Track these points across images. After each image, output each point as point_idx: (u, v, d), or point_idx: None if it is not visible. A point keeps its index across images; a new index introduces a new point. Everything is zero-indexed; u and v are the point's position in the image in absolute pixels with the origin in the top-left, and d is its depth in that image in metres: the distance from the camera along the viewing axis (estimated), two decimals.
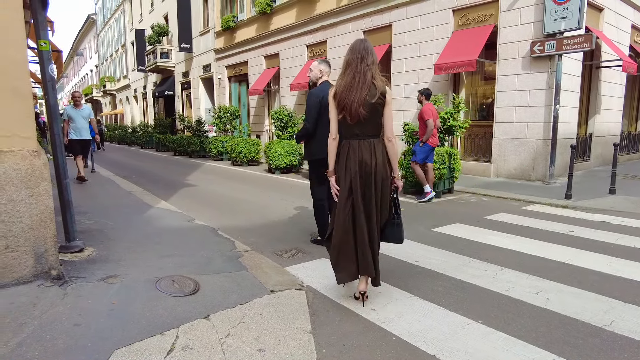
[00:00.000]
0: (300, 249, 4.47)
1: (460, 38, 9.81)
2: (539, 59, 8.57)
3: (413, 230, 5.19)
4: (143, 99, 34.15)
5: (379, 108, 2.84)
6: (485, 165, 9.65)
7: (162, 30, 25.82)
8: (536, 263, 4.00)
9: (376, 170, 2.86)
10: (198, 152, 16.85)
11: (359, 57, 2.85)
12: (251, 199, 7.43)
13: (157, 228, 5.12)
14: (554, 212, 6.21)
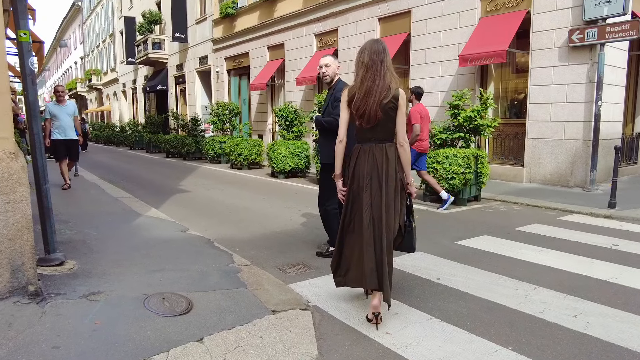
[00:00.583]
0: (306, 263, 4.47)
1: (488, 25, 9.78)
2: (578, 49, 8.51)
3: (434, 243, 5.16)
4: (133, 94, 34.52)
5: (390, 112, 3.04)
6: (517, 169, 9.58)
7: (154, 18, 26.12)
8: (575, 281, 3.95)
9: (387, 175, 3.04)
10: (193, 154, 16.97)
11: (379, 59, 3.03)
12: (252, 207, 7.45)
13: (146, 239, 5.14)
14: (596, 223, 6.13)
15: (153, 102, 30.22)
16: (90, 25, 44.73)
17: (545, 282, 3.91)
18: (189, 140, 16.87)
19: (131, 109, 35.27)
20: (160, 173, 12.92)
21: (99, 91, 45.12)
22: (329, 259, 4.55)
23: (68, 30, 54.65)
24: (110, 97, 40.71)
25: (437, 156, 7.38)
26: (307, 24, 15.34)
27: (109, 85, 40.79)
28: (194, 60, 23.29)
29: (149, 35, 25.99)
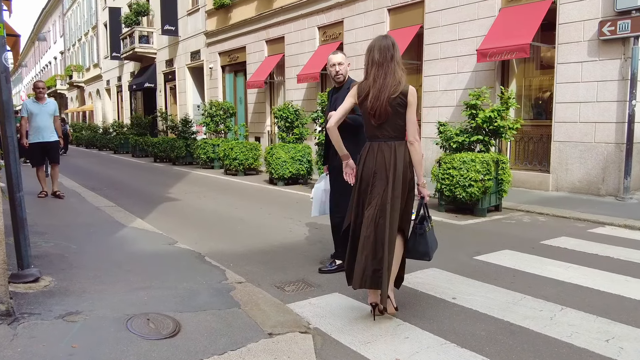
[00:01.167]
0: (306, 280, 4.46)
1: (509, 17, 9.80)
2: (609, 42, 8.51)
3: (450, 258, 5.14)
4: (117, 92, 34.71)
5: (398, 108, 3.31)
6: (542, 176, 9.56)
7: (142, 9, 26.31)
8: (607, 301, 3.92)
9: (395, 174, 3.31)
10: (183, 159, 17.03)
11: (389, 55, 3.33)
12: (247, 217, 7.45)
13: (131, 253, 5.14)
14: (630, 236, 6.09)
15: (140, 101, 30.36)
16: (72, 17, 45.10)
17: (573, 303, 3.87)
18: (179, 144, 16.93)
19: (116, 108, 35.45)
20: (147, 179, 12.96)
21: (80, 89, 45.37)
22: (332, 275, 4.54)
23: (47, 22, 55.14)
24: (93, 96, 40.94)
25: (453, 161, 7.37)
26: (309, 15, 15.42)
27: (91, 83, 41.03)
28: (185, 56, 23.42)
29: (135, 28, 26.16)
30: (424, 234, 3.48)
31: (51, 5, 50.93)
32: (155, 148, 18.40)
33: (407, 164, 3.36)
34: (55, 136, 8.64)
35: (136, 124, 22.59)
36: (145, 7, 26.35)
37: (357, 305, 3.85)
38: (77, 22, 43.55)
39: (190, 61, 23.07)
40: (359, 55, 13.41)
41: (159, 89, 26.70)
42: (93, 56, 39.02)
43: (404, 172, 3.33)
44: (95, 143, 28.31)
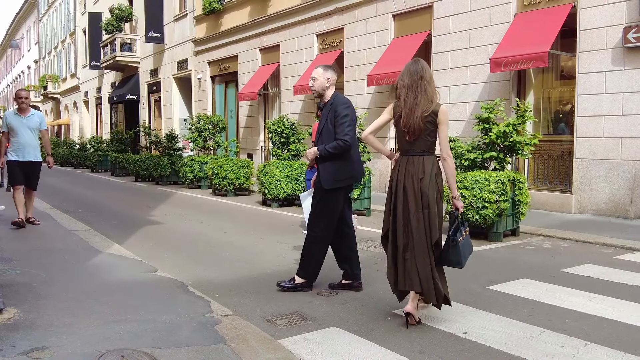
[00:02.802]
0: (301, 313, 4.42)
1: (526, 22, 9.91)
2: (635, 50, 8.59)
3: (462, 288, 5.11)
4: (96, 105, 34.89)
5: (428, 125, 3.94)
6: (564, 196, 9.57)
7: (124, 14, 26.60)
8: (636, 336, 3.88)
9: (421, 186, 3.95)
10: (168, 178, 17.04)
11: (418, 76, 3.99)
12: (237, 242, 7.43)
13: (106, 282, 5.12)
14: None
15: (121, 115, 30.46)
16: (48, 23, 45.57)
17: (598, 337, 3.84)
18: (163, 161, 16.96)
19: (94, 122, 35.58)
20: (127, 200, 12.96)
21: (55, 101, 45.64)
22: (330, 307, 4.51)
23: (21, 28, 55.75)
24: (70, 109, 41.14)
25: (464, 181, 7.37)
26: (307, 21, 15.60)
27: (68, 94, 41.26)
28: (172, 65, 23.58)
29: (117, 35, 26.40)
30: (457, 244, 3.98)
31: (25, 9, 51.55)
32: (137, 166, 18.42)
33: (434, 177, 3.97)
34: (39, 156, 8.19)
35: (116, 139, 22.65)
36: (128, 12, 26.62)
37: (357, 341, 3.81)
38: (53, 28, 43.97)
39: (176, 71, 23.21)
40: (361, 65, 13.54)
41: (142, 101, 26.81)
42: (70, 65, 39.31)
43: (431, 185, 3.95)
44: (71, 160, 28.36)
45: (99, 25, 28.77)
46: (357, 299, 4.79)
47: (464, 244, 4.04)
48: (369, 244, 7.29)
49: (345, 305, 4.63)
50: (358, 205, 9.80)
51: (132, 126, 25.97)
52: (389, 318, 4.30)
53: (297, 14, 15.87)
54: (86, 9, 34.04)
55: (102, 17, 29.85)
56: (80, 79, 37.06)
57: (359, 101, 13.42)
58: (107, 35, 27.48)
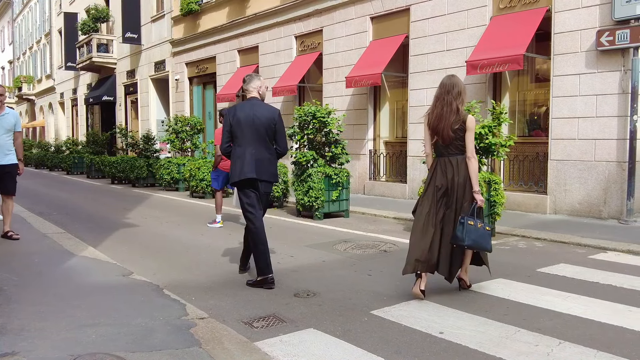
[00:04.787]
0: (278, 315, 4.40)
1: (501, 26, 10.03)
2: (608, 53, 8.74)
3: (438, 287, 5.14)
4: (72, 106, 34.44)
5: (459, 132, 4.71)
6: (539, 197, 9.69)
7: (101, 15, 26.32)
8: (608, 334, 3.94)
9: (458, 182, 4.73)
10: (145, 180, 16.88)
11: (446, 90, 4.75)
12: (215, 244, 7.38)
13: (79, 285, 5.06)
14: (634, 263, 6.17)
15: (97, 116, 30.15)
16: (22, 23, 44.83)
17: (572, 336, 3.89)
18: (139, 163, 16.79)
19: (70, 124, 35.12)
20: (103, 203, 12.80)
21: (30, 102, 44.93)
22: (308, 308, 4.50)
23: None
24: (45, 110, 40.53)
25: None
26: (285, 23, 15.58)
27: (43, 96, 40.66)
28: (149, 66, 23.39)
29: (93, 35, 26.11)
30: (464, 224, 4.62)
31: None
32: (113, 168, 18.22)
33: (467, 174, 4.75)
34: (13, 158, 7.46)
35: (92, 141, 22.40)
36: (105, 12, 26.35)
37: (334, 342, 3.80)
38: (28, 28, 43.30)
39: (154, 72, 23.04)
40: (340, 67, 13.57)
41: (119, 103, 26.56)
42: (45, 66, 38.75)
43: (464, 182, 4.74)
44: (46, 162, 27.94)
45: (75, 25, 28.41)
46: (334, 300, 4.78)
47: (473, 230, 4.63)
48: (346, 245, 7.30)
49: (323, 306, 4.63)
50: (337, 206, 9.82)
51: (108, 128, 25.70)
52: (366, 319, 4.30)
53: (276, 15, 15.85)
54: (62, 9, 33.58)
55: (78, 17, 29.48)
56: (56, 80, 36.54)
57: (338, 103, 13.46)
58: (83, 35, 27.15)
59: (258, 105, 5.40)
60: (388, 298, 4.84)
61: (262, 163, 5.31)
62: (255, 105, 5.39)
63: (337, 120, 9.87)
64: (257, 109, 5.34)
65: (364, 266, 6.11)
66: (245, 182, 5.33)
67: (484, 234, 4.70)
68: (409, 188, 11.95)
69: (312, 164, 9.82)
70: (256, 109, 5.34)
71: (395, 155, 12.85)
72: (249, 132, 5.29)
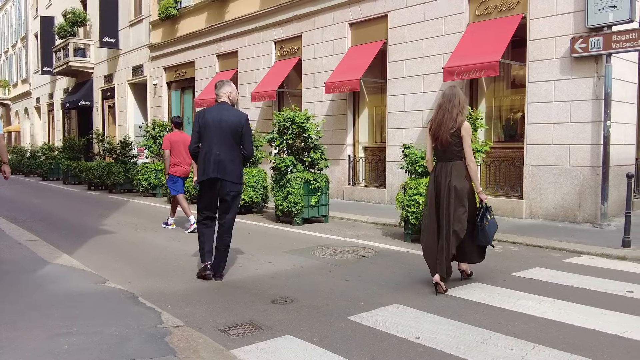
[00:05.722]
0: (255, 322, 4.38)
1: (478, 32, 10.15)
2: (582, 59, 8.89)
3: (415, 292, 5.17)
4: (49, 111, 33.99)
5: (455, 138, 5.08)
6: (515, 202, 9.79)
7: (78, 19, 26.04)
8: (582, 337, 4.00)
9: (450, 184, 5.10)
10: (122, 186, 16.69)
11: (447, 99, 5.16)
12: (191, 251, 7.32)
13: (52, 294, 4.99)
14: (608, 266, 6.27)
15: (74, 122, 29.81)
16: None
17: (546, 339, 3.93)
18: (116, 169, 16.60)
19: (46, 129, 34.64)
20: (79, 209, 12.63)
21: (5, 107, 44.21)
22: (284, 315, 4.48)
23: None
24: (20, 115, 39.91)
25: (418, 187, 7.47)
26: (265, 28, 15.57)
27: (18, 100, 40.04)
28: (126, 71, 23.20)
29: (70, 40, 25.83)
30: (484, 228, 5.13)
31: None
32: (90, 174, 17.98)
33: (464, 178, 5.13)
34: None
35: (69, 146, 22.09)
36: (82, 16, 26.07)
37: (310, 349, 3.80)
38: (3, 32, 42.66)
39: (131, 77, 22.85)
40: (319, 72, 13.60)
41: (96, 108, 26.30)
42: (21, 70, 38.19)
43: (463, 184, 5.11)
44: (22, 168, 27.47)
45: (52, 29, 28.03)
46: (312, 307, 4.77)
47: (490, 226, 5.18)
48: (325, 250, 7.29)
49: (300, 312, 4.61)
50: (316, 212, 9.81)
51: (85, 133, 25.38)
52: (343, 325, 4.30)
53: (255, 20, 15.82)
54: (38, 12, 33.14)
55: (55, 21, 29.12)
56: (32, 84, 36.02)
57: (317, 108, 13.47)
58: (60, 40, 26.81)
59: (226, 109, 5.71)
60: (365, 304, 4.83)
61: (225, 164, 5.59)
62: (224, 109, 5.71)
63: (316, 126, 9.88)
64: (224, 113, 5.66)
65: (342, 272, 6.11)
66: (208, 183, 5.64)
67: (493, 221, 5.29)
68: (387, 193, 12.00)
69: (291, 170, 9.81)
70: (224, 113, 5.66)
71: (375, 160, 12.90)
72: (216, 134, 5.59)
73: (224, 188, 5.62)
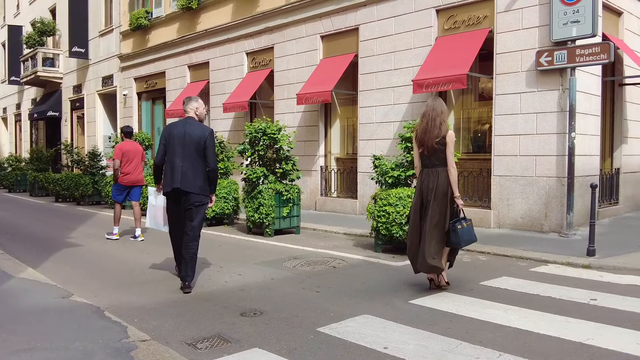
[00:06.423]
0: (223, 335, 4.34)
1: (446, 46, 10.32)
2: (547, 73, 9.11)
3: (384, 303, 5.19)
4: (16, 122, 33.35)
5: (440, 146, 5.47)
6: (483, 212, 9.93)
7: (47, 29, 25.69)
8: (546, 345, 4.06)
9: (436, 188, 5.47)
10: (90, 197, 16.41)
11: (431, 108, 5.56)
12: (161, 264, 7.24)
13: (15, 309, 4.90)
14: (573, 275, 6.40)
15: (42, 132, 29.32)
16: None
17: (511, 348, 3.99)
18: (85, 180, 16.32)
19: (13, 140, 33.95)
20: (45, 222, 12.39)
21: None
22: (253, 328, 4.46)
23: None
24: None
25: (388, 197, 7.53)
26: (237, 39, 15.57)
27: None
28: (96, 81, 22.94)
29: (39, 49, 25.45)
30: (456, 230, 5.42)
31: None
32: (57, 185, 17.64)
33: (446, 182, 5.48)
34: None
35: (36, 158, 21.65)
36: (51, 26, 25.72)
37: None
38: None
39: (101, 87, 22.60)
40: (291, 84, 13.63)
41: (65, 118, 25.90)
42: None
43: (446, 189, 5.48)
44: None
45: (20, 39, 27.57)
46: (281, 319, 4.75)
47: (464, 232, 5.46)
48: (296, 262, 7.27)
49: (269, 325, 4.59)
50: (287, 223, 9.79)
51: (53, 144, 24.97)
52: (312, 336, 4.29)
53: (227, 31, 15.81)
54: (6, 21, 32.56)
55: (23, 30, 28.68)
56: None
57: (289, 120, 13.49)
58: (29, 49, 26.37)
59: (191, 124, 5.98)
60: (335, 314, 4.84)
61: (188, 176, 5.82)
62: (189, 123, 5.98)
63: (287, 137, 9.89)
64: (189, 127, 5.92)
65: (312, 283, 6.10)
66: (172, 194, 5.90)
67: (469, 229, 5.58)
68: (359, 204, 12.05)
69: (263, 181, 9.78)
70: (188, 127, 5.92)
71: (346, 171, 12.95)
72: (180, 147, 5.86)
73: (187, 199, 5.84)
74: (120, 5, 20.91)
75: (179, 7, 17.10)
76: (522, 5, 9.39)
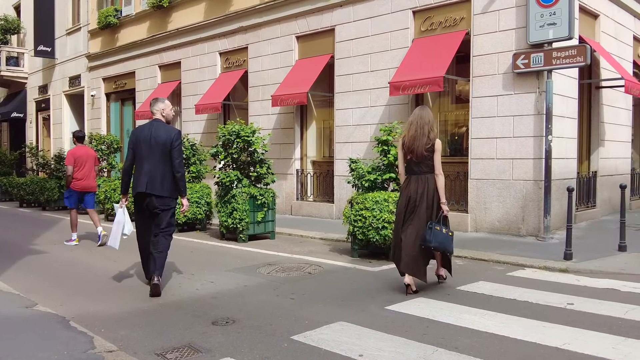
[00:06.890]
0: (194, 345, 4.30)
1: (423, 48, 10.41)
2: (524, 75, 9.25)
3: (360, 309, 5.20)
4: None
5: (429, 153, 5.73)
6: (460, 216, 10.04)
7: (11, 26, 25.28)
8: (523, 350, 4.12)
9: (427, 195, 5.77)
10: (56, 202, 16.12)
11: (419, 116, 5.83)
12: (129, 271, 7.16)
13: None
14: (550, 279, 6.49)
15: (5, 134, 28.87)
16: None
17: (487, 354, 4.03)
18: (50, 184, 16.05)
19: None
20: (8, 228, 12.17)
21: None
22: (225, 337, 4.43)
23: None
24: None
25: (365, 201, 7.56)
26: (210, 39, 15.49)
27: None
28: (63, 81, 22.63)
29: (2, 48, 25.04)
30: (432, 228, 5.64)
31: None
32: (22, 190, 17.34)
33: (435, 190, 5.79)
34: None
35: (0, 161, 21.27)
36: (16, 24, 25.31)
37: None
38: None
39: (68, 87, 22.29)
40: (266, 85, 13.62)
41: (30, 120, 25.51)
42: None
43: (434, 195, 5.79)
44: None
45: None
46: (254, 327, 4.73)
47: (439, 234, 5.68)
48: (270, 268, 7.25)
49: (242, 333, 4.57)
50: (262, 228, 9.76)
51: (17, 147, 24.52)
52: (286, 345, 4.28)
53: (199, 31, 15.72)
54: None
55: None
56: None
57: (264, 122, 13.47)
58: None
59: (157, 126, 6.03)
60: (310, 322, 4.83)
61: (155, 179, 5.90)
62: (155, 126, 6.03)
63: (262, 140, 9.86)
64: (155, 130, 5.98)
65: (287, 290, 6.09)
66: (139, 197, 5.99)
67: (447, 237, 5.81)
68: (336, 208, 12.07)
69: (237, 185, 9.73)
70: (155, 130, 5.98)
71: (323, 174, 12.97)
72: (147, 150, 5.92)
73: (153, 202, 5.93)
74: (88, 3, 20.63)
75: (150, 5, 16.94)
76: (499, 7, 9.53)
